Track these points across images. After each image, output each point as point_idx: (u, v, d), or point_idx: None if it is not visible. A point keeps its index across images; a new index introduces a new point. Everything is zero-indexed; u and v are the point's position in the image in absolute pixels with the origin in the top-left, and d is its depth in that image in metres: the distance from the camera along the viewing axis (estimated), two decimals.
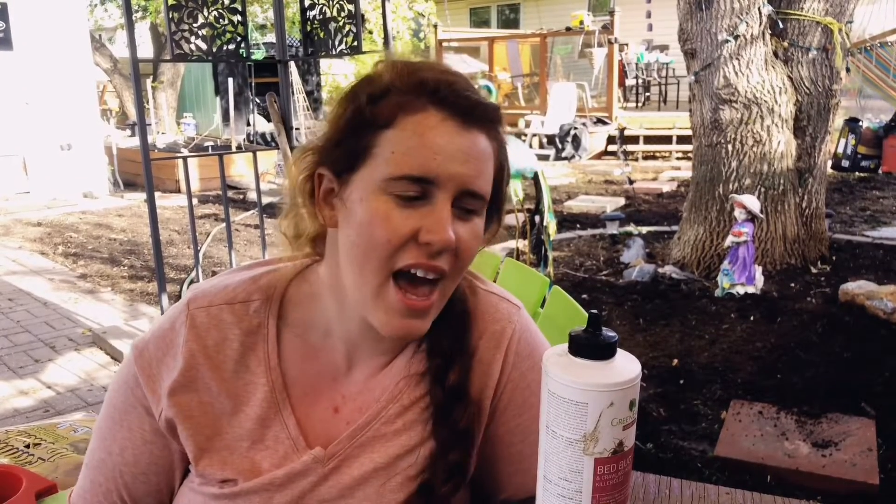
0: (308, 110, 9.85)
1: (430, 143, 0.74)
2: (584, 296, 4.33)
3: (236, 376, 0.83)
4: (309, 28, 3.21)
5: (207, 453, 0.83)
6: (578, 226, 6.28)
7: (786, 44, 4.61)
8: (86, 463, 0.89)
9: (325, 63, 12.97)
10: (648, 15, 10.52)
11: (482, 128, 0.78)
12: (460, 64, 12.05)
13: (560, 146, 10.64)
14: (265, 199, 3.65)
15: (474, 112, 0.77)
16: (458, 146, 0.75)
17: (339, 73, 13.47)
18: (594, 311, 0.68)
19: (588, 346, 0.65)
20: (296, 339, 0.85)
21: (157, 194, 3.22)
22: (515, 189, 4.12)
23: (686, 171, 8.13)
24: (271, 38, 11.82)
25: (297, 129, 3.67)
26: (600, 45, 11.10)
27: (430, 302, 0.77)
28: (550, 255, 4.31)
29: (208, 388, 0.83)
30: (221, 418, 0.83)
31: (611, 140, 10.94)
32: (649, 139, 10.76)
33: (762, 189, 4.61)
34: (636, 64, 12.59)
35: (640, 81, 12.96)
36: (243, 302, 0.85)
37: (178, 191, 8.38)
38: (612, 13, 11.47)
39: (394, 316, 0.76)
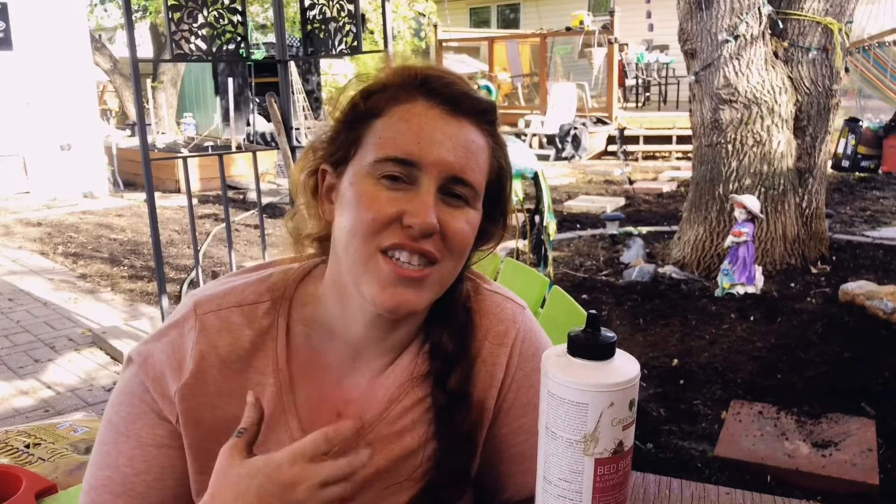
0: (308, 110, 9.85)
1: (415, 128, 0.76)
2: (584, 296, 4.33)
3: (245, 377, 0.83)
4: (309, 28, 3.21)
5: (211, 463, 0.79)
6: (578, 226, 6.28)
7: (786, 44, 4.61)
8: (85, 490, 0.83)
9: (325, 63, 12.97)
10: (648, 15, 10.53)
11: (471, 120, 0.79)
12: (460, 64, 12.06)
13: (560, 146, 10.64)
14: (265, 199, 3.66)
15: (462, 102, 0.78)
16: (443, 132, 0.76)
17: (339, 73, 13.47)
18: (593, 311, 0.68)
19: (587, 346, 0.65)
20: (303, 341, 0.85)
21: (157, 194, 3.22)
22: (515, 189, 4.11)
23: (686, 171, 8.13)
24: (271, 38, 11.81)
25: (297, 129, 3.66)
26: (600, 45, 11.10)
27: (423, 273, 0.75)
28: (550, 255, 4.31)
29: (219, 389, 0.82)
30: (230, 421, 0.81)
31: (611, 140, 10.94)
32: (649, 139, 10.76)
33: (762, 189, 4.61)
34: (636, 64, 12.59)
35: (640, 81, 12.96)
36: (253, 304, 0.85)
37: (178, 191, 8.38)
38: (612, 13, 11.47)
39: (385, 285, 0.75)
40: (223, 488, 0.70)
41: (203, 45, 2.91)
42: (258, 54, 11.35)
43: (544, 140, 10.94)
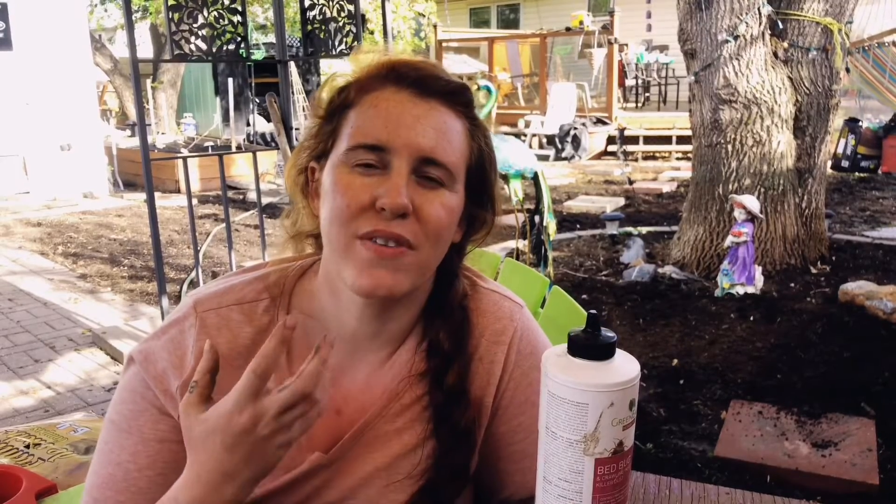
0: (308, 110, 9.85)
1: (383, 113, 0.77)
2: (584, 296, 4.33)
3: None
4: (309, 28, 3.21)
5: None
6: (578, 226, 6.28)
7: (786, 44, 4.61)
8: (88, 489, 0.83)
9: (325, 63, 12.96)
10: (648, 15, 10.55)
11: (442, 101, 0.79)
12: (460, 64, 12.05)
13: (560, 146, 10.64)
14: (265, 200, 3.66)
15: (430, 84, 0.79)
16: (411, 114, 0.77)
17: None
18: (593, 311, 0.68)
19: (587, 346, 0.65)
20: (302, 337, 0.85)
21: (157, 194, 3.22)
22: (515, 189, 4.12)
23: (686, 171, 8.13)
24: (271, 38, 11.81)
25: (297, 129, 3.66)
26: (600, 45, 11.10)
27: (399, 251, 0.75)
28: (550, 255, 4.31)
29: (220, 386, 0.80)
30: None
31: (611, 140, 10.95)
32: (649, 139, 10.76)
33: (762, 189, 4.61)
34: (636, 64, 12.59)
35: (639, 82, 12.96)
36: (252, 301, 0.85)
37: (178, 191, 8.38)
38: (611, 13, 11.47)
39: (363, 268, 0.75)
40: (195, 452, 0.70)
41: (203, 46, 2.91)
42: (258, 54, 11.35)
43: (544, 140, 10.94)
